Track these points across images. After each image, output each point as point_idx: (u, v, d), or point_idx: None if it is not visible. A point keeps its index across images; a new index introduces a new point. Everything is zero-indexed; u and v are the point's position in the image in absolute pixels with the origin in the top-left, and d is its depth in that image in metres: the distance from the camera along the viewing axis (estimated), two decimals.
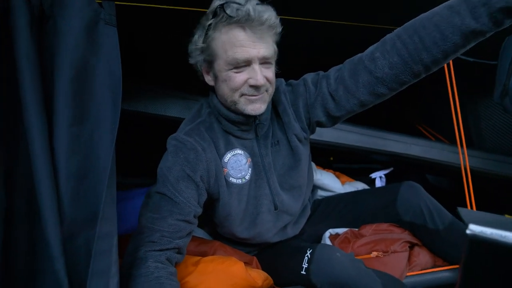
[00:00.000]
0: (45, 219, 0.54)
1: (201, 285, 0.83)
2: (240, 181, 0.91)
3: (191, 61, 0.86)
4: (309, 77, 0.93)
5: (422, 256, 1.07)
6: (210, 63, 0.83)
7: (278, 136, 0.95)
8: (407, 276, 1.01)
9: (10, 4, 0.56)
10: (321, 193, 1.40)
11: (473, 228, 0.41)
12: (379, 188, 1.19)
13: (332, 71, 0.90)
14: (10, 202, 0.56)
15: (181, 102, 1.37)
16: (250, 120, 0.88)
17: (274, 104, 0.95)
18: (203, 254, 0.97)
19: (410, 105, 2.37)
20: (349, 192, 1.30)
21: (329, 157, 2.42)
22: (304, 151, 0.98)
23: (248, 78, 0.79)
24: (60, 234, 0.54)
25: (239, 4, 0.75)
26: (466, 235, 0.41)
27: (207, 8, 0.89)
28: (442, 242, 1.05)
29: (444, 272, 1.04)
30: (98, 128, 0.64)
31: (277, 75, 0.89)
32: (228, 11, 0.74)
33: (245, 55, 0.77)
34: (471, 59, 1.35)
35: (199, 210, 0.84)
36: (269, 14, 0.76)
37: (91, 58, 0.64)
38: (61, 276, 0.54)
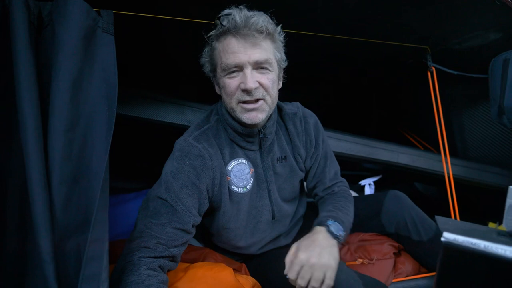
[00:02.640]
0: (37, 223, 0.54)
1: None
2: (242, 190, 0.93)
3: (206, 72, 0.92)
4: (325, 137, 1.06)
5: (408, 263, 1.10)
6: (214, 72, 0.88)
7: (286, 152, 1.00)
8: (392, 282, 1.04)
9: (9, 11, 0.57)
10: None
11: (447, 236, 0.43)
12: (365, 197, 1.19)
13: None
14: (2, 206, 0.57)
15: (174, 107, 1.38)
16: (254, 132, 0.91)
17: (287, 120, 1.01)
18: (193, 261, 0.97)
19: (401, 116, 2.43)
20: None
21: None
22: (301, 170, 1.05)
23: (240, 83, 0.81)
24: (52, 238, 0.55)
25: (232, 14, 0.79)
26: (441, 242, 0.44)
27: (202, 19, 0.92)
28: (426, 253, 1.06)
29: (428, 278, 1.07)
30: (92, 134, 0.64)
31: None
32: (223, 22, 0.79)
33: (235, 60, 0.80)
34: (455, 72, 1.40)
35: (198, 220, 0.84)
36: (255, 19, 0.78)
37: (88, 65, 0.65)
38: (51, 281, 0.54)
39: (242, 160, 0.93)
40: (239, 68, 0.81)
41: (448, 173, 1.28)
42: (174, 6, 1.00)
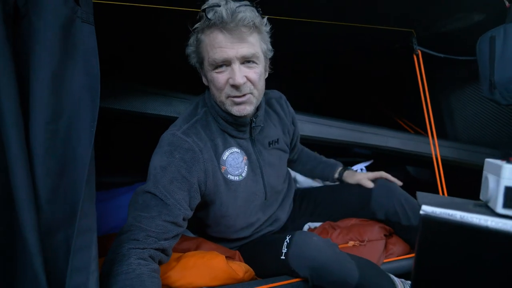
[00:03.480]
0: (22, 216, 0.54)
1: (183, 279, 0.85)
2: (238, 178, 0.94)
3: (190, 62, 0.91)
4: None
5: (399, 244, 1.12)
6: (201, 64, 0.88)
7: (277, 135, 1.05)
8: (383, 262, 1.06)
9: None
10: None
11: (425, 209, 0.44)
12: (355, 184, 1.20)
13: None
14: None
15: (162, 98, 1.37)
16: (247, 122, 0.93)
17: (274, 105, 1.06)
18: (187, 251, 0.98)
19: (391, 101, 2.44)
20: (326, 187, 1.31)
21: (313, 151, 2.47)
22: (288, 148, 1.14)
23: (229, 78, 0.82)
24: (38, 231, 0.54)
25: (218, 6, 0.77)
26: (420, 215, 0.45)
27: (184, 7, 0.91)
28: (415, 236, 1.08)
29: None
30: (76, 125, 0.64)
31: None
32: (208, 15, 0.78)
33: (223, 55, 0.80)
34: (442, 55, 1.41)
35: (189, 213, 0.84)
36: (243, 15, 0.77)
37: (68, 56, 0.64)
38: (39, 273, 0.54)
39: (235, 149, 0.94)
40: (227, 63, 0.81)
41: (436, 155, 1.30)
42: None
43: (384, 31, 1.28)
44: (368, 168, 2.12)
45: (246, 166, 0.96)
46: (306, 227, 1.17)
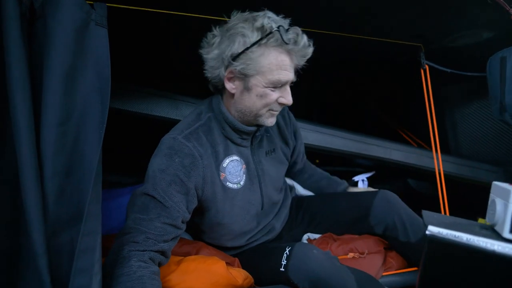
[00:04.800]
0: (29, 216, 0.54)
1: (183, 283, 0.85)
2: (236, 186, 0.94)
3: (212, 62, 0.87)
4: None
5: (398, 257, 1.12)
6: (245, 75, 0.84)
7: (275, 144, 1.06)
8: (382, 276, 1.06)
9: (0, 3, 0.57)
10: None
11: (432, 229, 0.45)
12: (354, 195, 1.20)
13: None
14: None
15: (168, 102, 1.38)
16: (255, 130, 0.94)
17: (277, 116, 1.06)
18: (187, 255, 0.98)
19: (396, 113, 2.45)
20: (325, 196, 1.29)
21: (315, 159, 2.48)
22: (287, 160, 1.15)
23: (279, 97, 0.87)
24: (44, 231, 0.55)
25: (293, 33, 0.81)
26: (426, 235, 0.45)
27: (194, 13, 0.91)
28: (413, 252, 1.06)
29: (417, 272, 1.09)
30: (85, 127, 0.64)
31: None
32: (285, 37, 0.79)
33: (286, 78, 0.85)
34: (449, 70, 1.41)
35: (188, 216, 0.85)
36: (311, 51, 0.85)
37: (81, 58, 0.65)
38: (44, 274, 0.55)
39: (235, 157, 0.94)
40: (284, 84, 0.85)
41: (439, 169, 1.30)
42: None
43: (392, 44, 1.29)
44: (370, 179, 2.13)
45: (244, 175, 0.96)
46: (305, 238, 1.17)
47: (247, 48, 0.80)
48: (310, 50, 0.85)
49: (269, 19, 0.81)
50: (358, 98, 2.62)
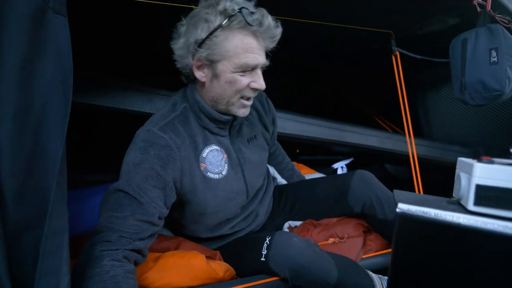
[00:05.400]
0: None
1: (162, 280, 0.83)
2: (218, 176, 0.92)
3: (179, 52, 0.85)
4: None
5: (377, 240, 1.14)
6: (211, 61, 0.82)
7: (256, 130, 1.05)
8: (362, 258, 1.08)
9: None
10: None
11: (401, 207, 0.45)
12: (332, 178, 1.23)
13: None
14: None
15: (142, 95, 1.34)
16: (231, 120, 0.93)
17: (255, 102, 1.05)
18: (166, 251, 0.96)
19: (370, 99, 2.50)
20: (304, 182, 1.32)
21: (296, 149, 2.50)
22: (268, 145, 1.16)
23: (251, 82, 0.85)
24: (3, 234, 0.51)
25: (258, 14, 0.79)
26: (396, 212, 0.46)
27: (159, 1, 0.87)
28: (391, 230, 1.06)
29: None
30: (46, 121, 0.61)
31: None
32: (248, 19, 0.77)
33: (255, 62, 0.82)
34: (419, 56, 1.45)
35: (165, 211, 0.82)
36: (279, 32, 0.83)
37: (38, 48, 0.61)
38: (4, 280, 0.51)
39: (215, 147, 0.92)
40: (253, 68, 0.83)
41: (412, 153, 1.33)
42: None
43: (363, 32, 1.30)
44: (348, 166, 2.17)
45: (226, 164, 0.95)
46: (286, 226, 1.17)
47: (211, 33, 0.79)
48: (277, 31, 0.83)
49: (232, 2, 0.79)
50: (334, 86, 2.66)
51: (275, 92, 1.29)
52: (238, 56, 0.80)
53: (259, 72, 0.85)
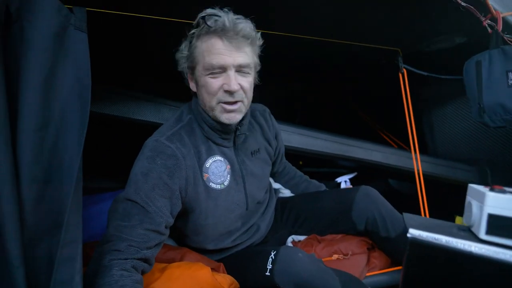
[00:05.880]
0: (5, 226, 0.52)
1: None
2: (220, 187, 0.94)
3: (179, 68, 0.92)
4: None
5: (381, 257, 1.13)
6: (192, 69, 0.89)
7: (259, 145, 1.06)
8: (366, 276, 1.08)
9: None
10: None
11: (413, 232, 0.46)
12: (336, 192, 1.22)
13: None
14: None
15: (151, 105, 1.36)
16: (230, 129, 0.93)
17: (258, 117, 1.08)
18: (171, 261, 0.97)
19: (375, 114, 2.51)
20: (308, 195, 1.30)
21: (299, 161, 2.51)
22: (271, 160, 1.17)
23: (223, 84, 0.84)
24: (21, 242, 0.53)
25: (218, 16, 0.81)
26: (407, 238, 0.47)
27: (176, 18, 0.91)
28: (394, 249, 1.09)
29: (400, 272, 1.12)
30: (64, 133, 0.63)
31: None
32: (208, 22, 0.80)
33: (220, 62, 0.82)
34: (425, 73, 1.47)
35: (171, 221, 0.84)
36: (243, 25, 0.82)
37: (59, 64, 0.63)
38: (21, 287, 0.53)
39: (219, 157, 0.94)
40: (223, 69, 0.83)
41: (418, 170, 1.34)
42: (149, 4, 0.99)
43: (371, 49, 1.32)
44: (352, 180, 2.17)
45: (229, 175, 0.96)
46: (289, 240, 1.17)
47: (190, 45, 0.86)
48: (241, 26, 0.81)
49: (204, 13, 0.83)
50: (340, 101, 2.67)
51: (278, 104, 1.31)
52: (204, 58, 0.84)
53: (230, 74, 0.83)
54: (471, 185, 0.54)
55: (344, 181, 2.02)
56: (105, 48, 1.28)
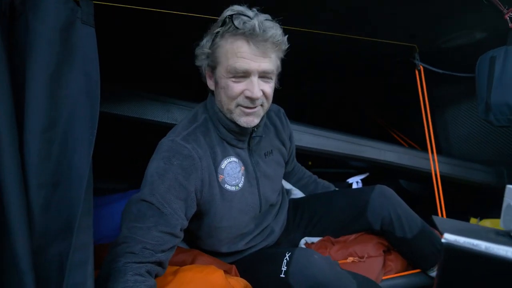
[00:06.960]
0: (13, 230, 0.50)
1: None
2: (234, 188, 0.92)
3: (197, 63, 0.89)
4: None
5: (397, 260, 1.10)
6: (213, 68, 0.85)
7: (273, 146, 1.04)
8: (382, 279, 1.04)
9: None
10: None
11: (448, 237, 0.43)
12: (351, 192, 1.19)
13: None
14: None
15: (161, 105, 1.34)
16: (247, 132, 0.91)
17: (273, 117, 1.05)
18: (182, 264, 0.95)
19: (387, 113, 2.46)
20: (321, 195, 1.27)
21: (308, 161, 2.47)
22: (285, 161, 1.14)
23: (245, 89, 0.81)
24: (30, 246, 0.51)
25: (248, 17, 0.77)
26: (442, 243, 0.43)
27: (189, 12, 0.88)
28: (410, 249, 1.07)
29: (417, 275, 1.08)
30: (73, 133, 0.60)
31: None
32: (235, 23, 0.76)
33: (244, 66, 0.79)
34: (441, 71, 1.42)
35: (186, 223, 0.82)
36: (274, 32, 0.78)
37: (66, 59, 0.61)
38: None
39: (234, 159, 0.92)
40: (246, 74, 0.80)
41: (435, 171, 1.29)
42: None
43: (387, 45, 1.28)
44: (364, 181, 2.13)
45: (243, 177, 0.94)
46: (302, 242, 1.14)
47: (212, 43, 0.82)
48: (271, 33, 0.77)
49: (231, 11, 0.79)
50: (351, 99, 2.63)
51: (288, 103, 1.28)
52: (228, 60, 0.80)
53: (253, 80, 0.80)
54: (510, 187, 0.50)
55: (356, 181, 1.99)
56: (112, 44, 1.26)
